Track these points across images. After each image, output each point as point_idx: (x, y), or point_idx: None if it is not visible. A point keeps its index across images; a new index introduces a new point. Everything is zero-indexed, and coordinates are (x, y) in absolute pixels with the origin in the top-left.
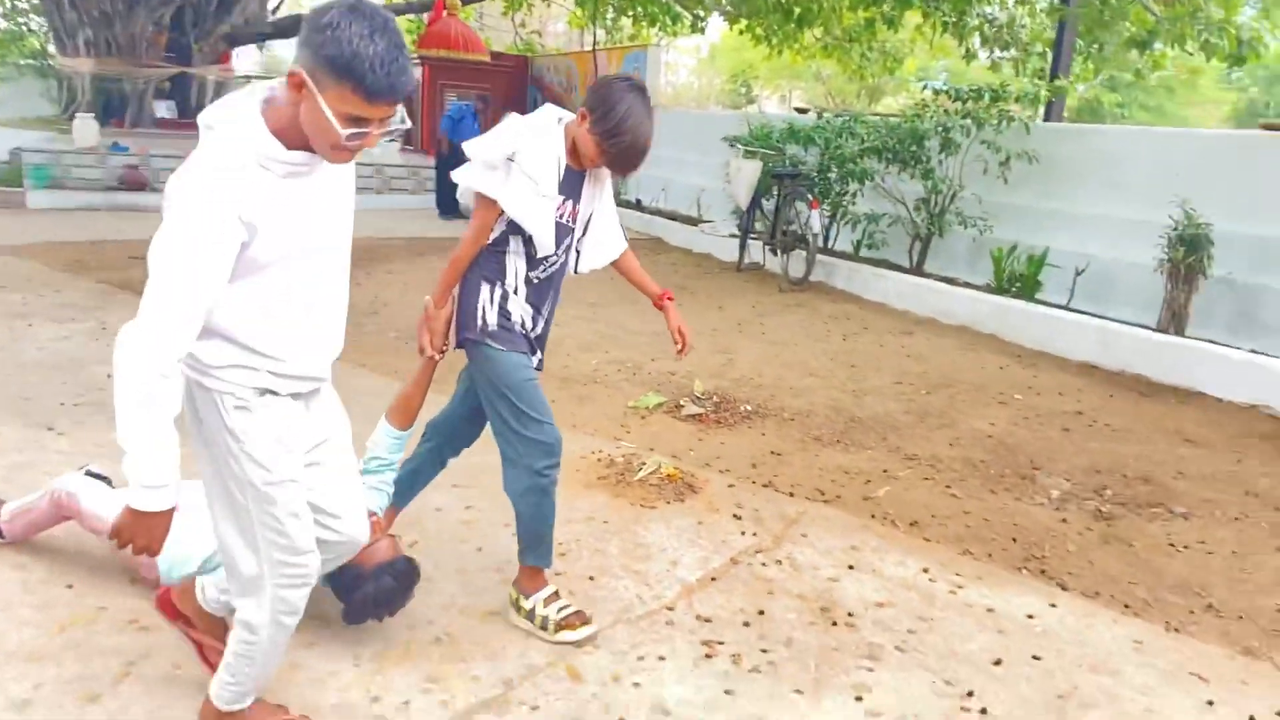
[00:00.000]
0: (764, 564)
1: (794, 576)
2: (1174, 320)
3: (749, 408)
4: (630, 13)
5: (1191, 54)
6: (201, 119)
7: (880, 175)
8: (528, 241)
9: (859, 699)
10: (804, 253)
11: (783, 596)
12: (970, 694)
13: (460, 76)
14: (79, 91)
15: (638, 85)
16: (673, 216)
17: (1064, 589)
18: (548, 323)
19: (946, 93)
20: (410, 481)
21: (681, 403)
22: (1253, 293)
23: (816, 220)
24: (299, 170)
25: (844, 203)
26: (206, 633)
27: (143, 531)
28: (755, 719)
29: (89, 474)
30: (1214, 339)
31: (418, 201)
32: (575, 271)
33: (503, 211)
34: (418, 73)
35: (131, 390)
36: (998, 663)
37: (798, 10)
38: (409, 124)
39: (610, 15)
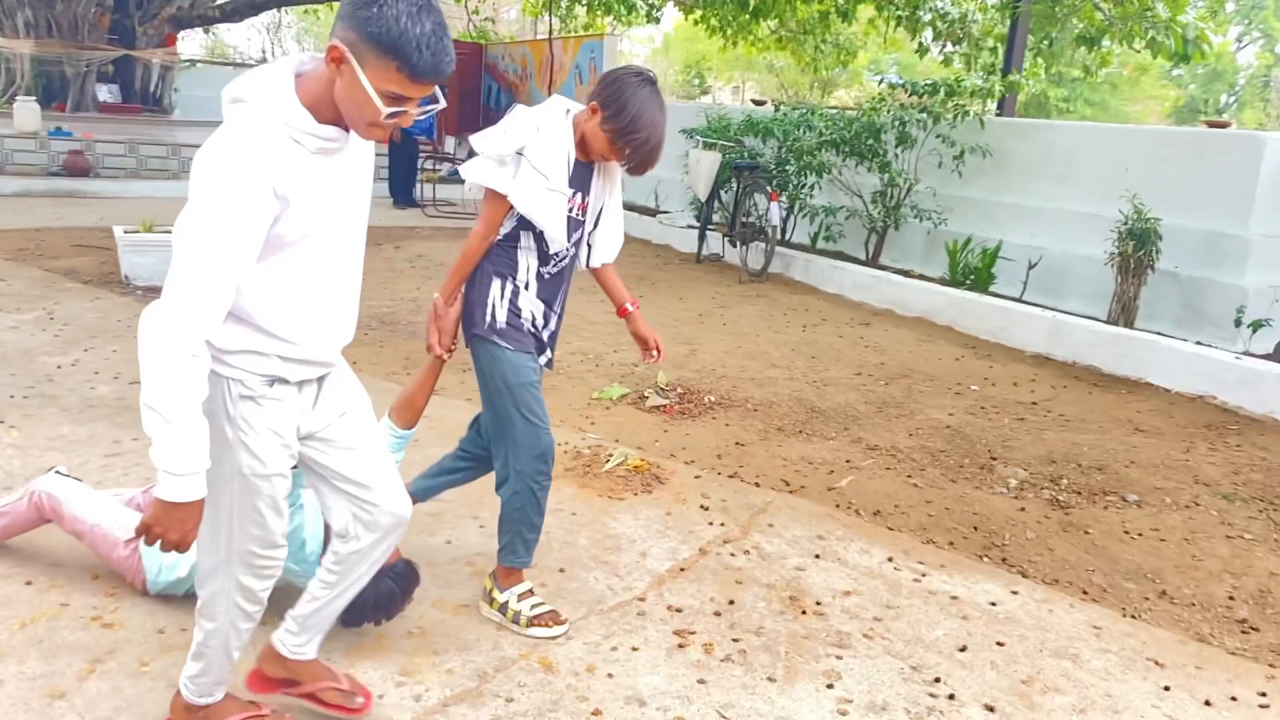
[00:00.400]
0: (732, 554)
1: (762, 566)
2: (1123, 313)
3: (712, 399)
4: (585, 1)
5: (1139, 51)
6: (228, 92)
7: (838, 168)
8: (539, 236)
9: (829, 686)
10: (763, 244)
11: (752, 586)
12: (937, 680)
13: None
14: (18, 74)
15: (649, 79)
16: (630, 207)
17: (1024, 576)
18: (559, 318)
19: (903, 87)
20: (436, 484)
21: (645, 394)
22: (1198, 286)
23: (776, 212)
24: (329, 146)
25: (802, 195)
26: (311, 679)
27: (175, 524)
28: (729, 707)
29: (59, 475)
30: (1161, 331)
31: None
32: (587, 266)
33: (513, 206)
34: None
35: (159, 372)
36: (963, 649)
37: (753, 2)
38: (444, 103)
39: (565, 3)
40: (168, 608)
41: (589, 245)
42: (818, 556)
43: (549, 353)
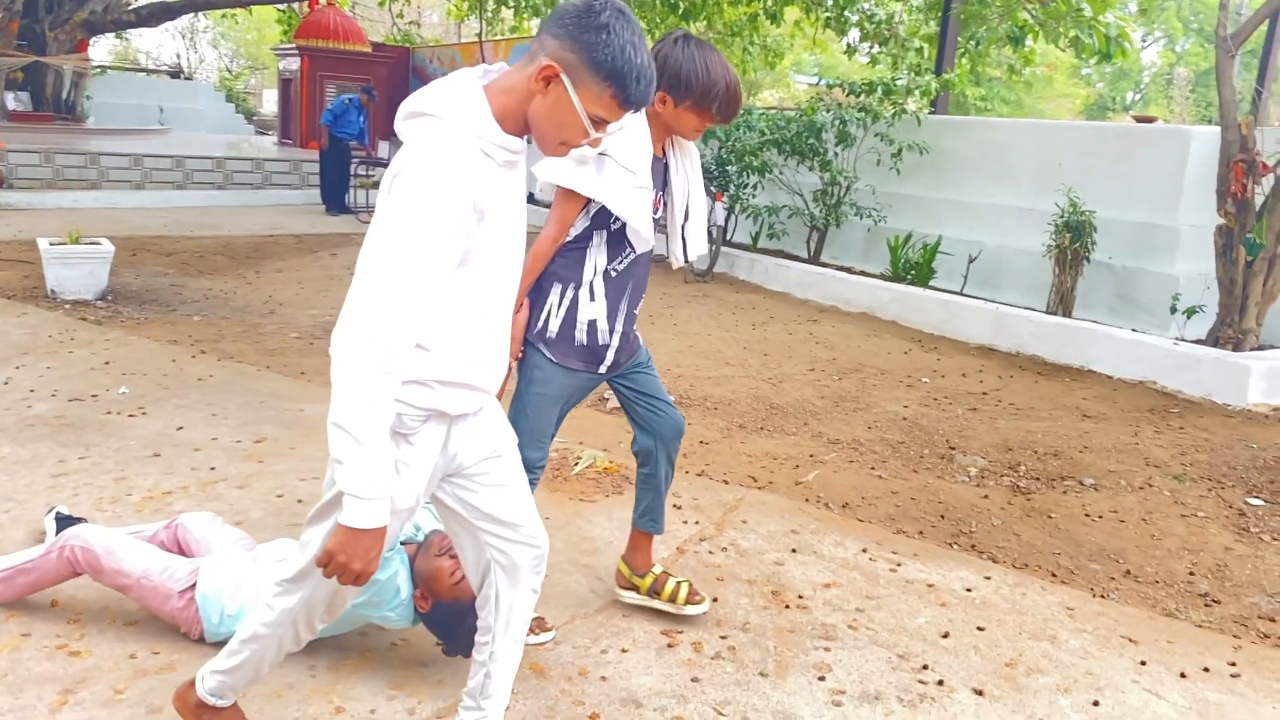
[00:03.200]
0: (710, 551)
1: (741, 562)
2: (1061, 303)
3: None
4: (512, 4)
5: (1064, 50)
6: (410, 106)
7: (779, 168)
8: (614, 235)
9: (821, 678)
10: (708, 245)
11: (733, 582)
12: (925, 667)
13: (340, 68)
14: None
15: (683, 35)
16: None
17: (995, 561)
18: (629, 318)
19: (841, 86)
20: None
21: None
22: (1131, 275)
23: (720, 212)
24: (513, 159)
25: (743, 195)
26: None
27: (359, 553)
28: (725, 704)
29: (60, 516)
30: (1097, 319)
31: (301, 197)
32: (686, 260)
33: (585, 207)
34: (295, 63)
35: (351, 391)
36: (945, 635)
37: (682, 4)
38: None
39: (491, 6)
40: (137, 631)
41: (683, 239)
42: (794, 550)
43: (612, 358)
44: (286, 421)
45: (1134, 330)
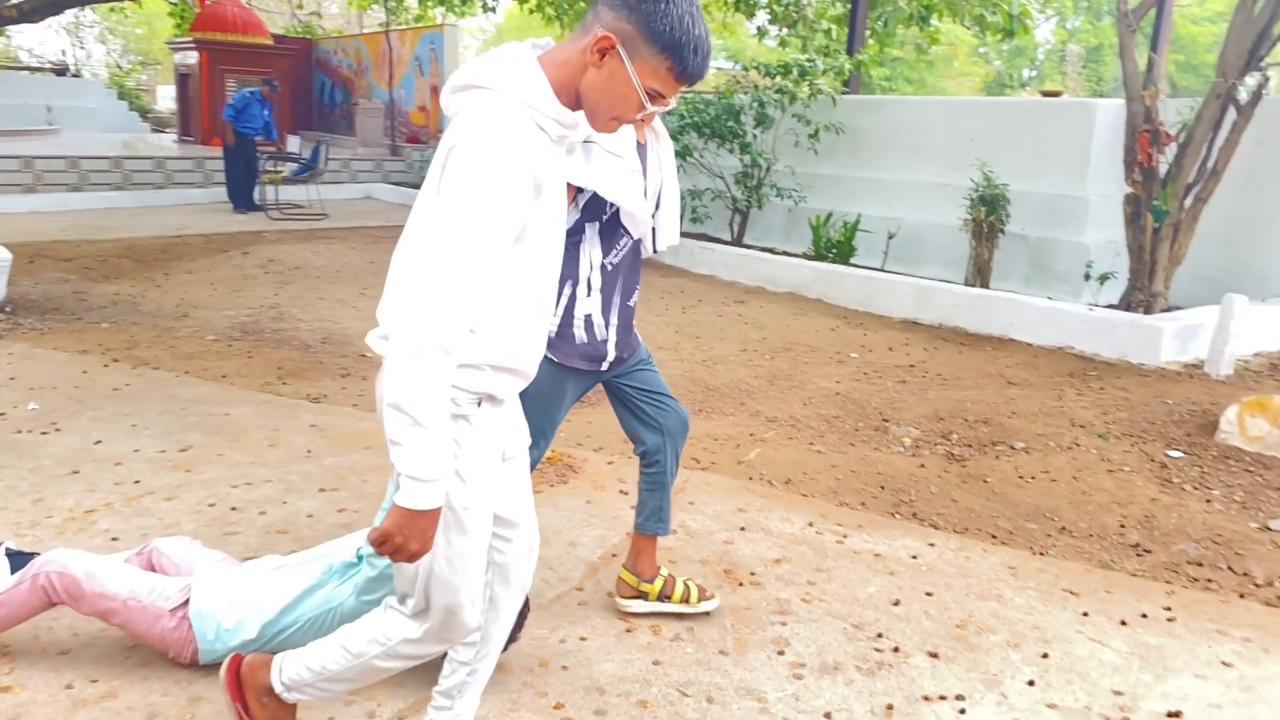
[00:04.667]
0: None
1: (691, 543)
2: (979, 275)
3: None
4: None
5: (969, 28)
6: (460, 79)
7: (699, 151)
8: (604, 227)
9: (780, 653)
10: None
11: (685, 564)
12: (880, 635)
13: (241, 61)
14: None
15: None
16: None
17: (936, 528)
18: (623, 310)
19: (757, 68)
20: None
21: None
22: (1044, 245)
23: None
24: (566, 134)
25: None
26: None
27: (417, 533)
28: (689, 685)
29: (10, 552)
30: (1014, 289)
31: (206, 195)
32: (654, 250)
33: (574, 200)
34: (193, 58)
35: (409, 370)
36: (896, 603)
37: None
38: (673, 104)
39: None
40: (71, 660)
41: (653, 228)
42: (743, 529)
43: (613, 354)
44: (211, 427)
45: (1050, 298)
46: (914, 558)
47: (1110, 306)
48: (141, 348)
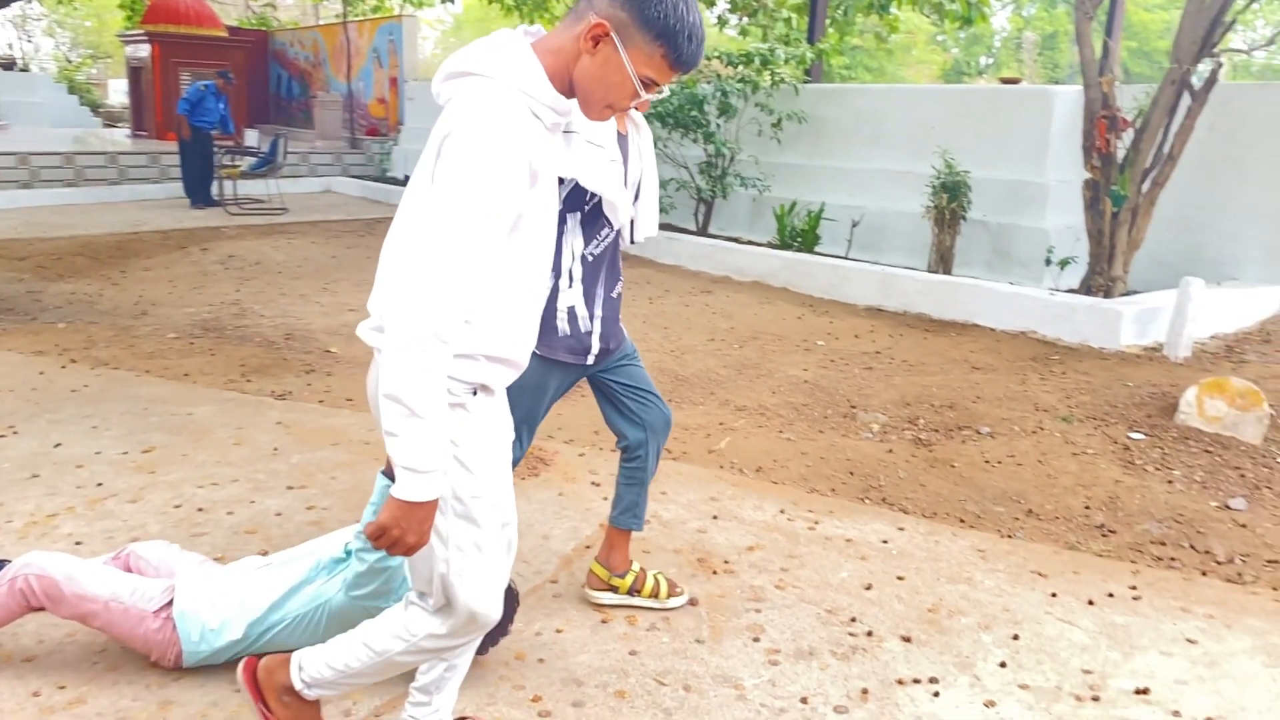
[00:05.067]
0: None
1: (664, 533)
2: (941, 261)
3: None
4: None
5: (928, 17)
6: (452, 66)
7: (663, 141)
8: (585, 217)
9: (756, 639)
10: None
11: (659, 553)
12: (853, 619)
13: (194, 54)
14: None
15: None
16: None
17: (906, 512)
18: (607, 302)
19: (719, 57)
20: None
21: None
22: (1005, 231)
23: None
24: (560, 122)
25: None
26: None
27: (414, 525)
28: (665, 674)
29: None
30: (976, 275)
31: (162, 191)
32: (632, 241)
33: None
34: (145, 50)
35: (405, 360)
36: (869, 587)
37: None
38: (666, 92)
39: None
40: (37, 667)
41: (631, 219)
42: (715, 517)
43: (597, 346)
44: (174, 427)
45: (1011, 283)
46: (884, 542)
47: (1071, 291)
48: (100, 347)
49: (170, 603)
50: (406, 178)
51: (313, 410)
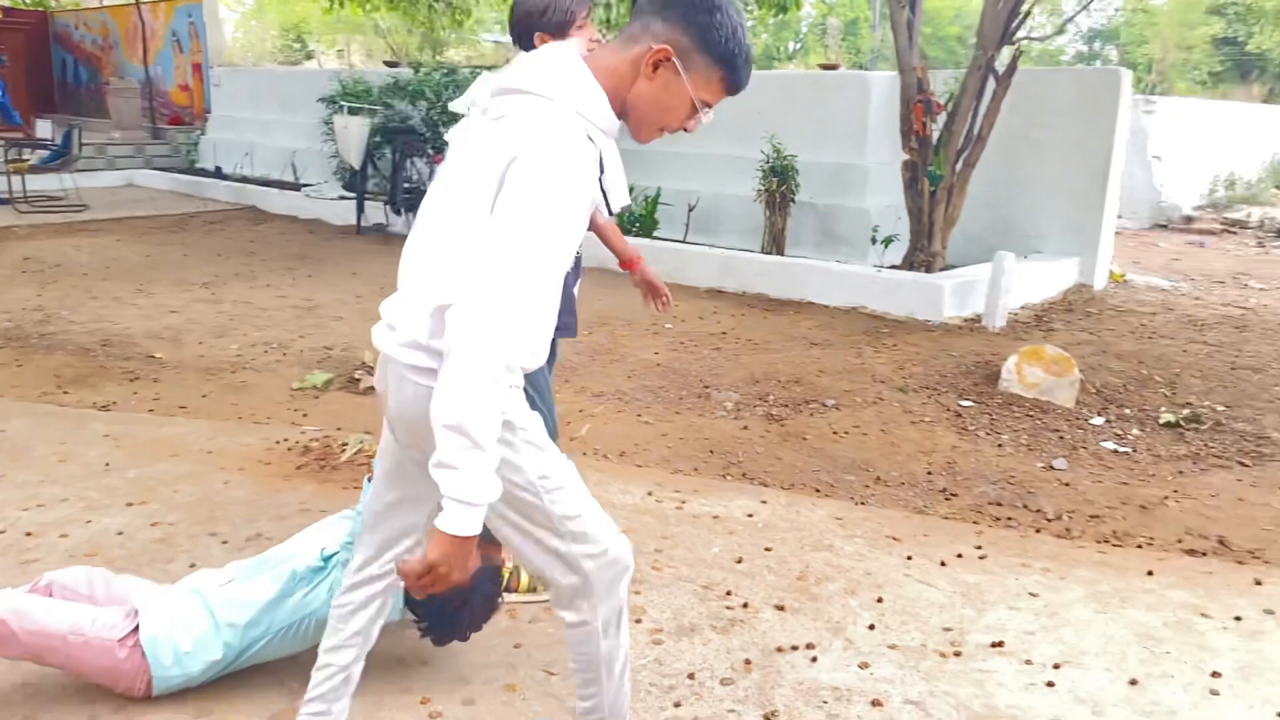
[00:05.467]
0: None
1: None
2: (774, 243)
3: None
4: None
5: (745, 5)
6: (522, 83)
7: None
8: None
9: (638, 620)
10: None
11: None
12: (729, 593)
13: None
14: None
15: None
16: (265, 182)
17: (766, 486)
18: (567, 298)
19: None
20: None
21: (356, 376)
22: (831, 212)
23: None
24: (605, 143)
25: None
26: None
27: (460, 561)
28: (553, 664)
29: None
30: (807, 255)
31: None
32: (610, 213)
33: None
34: None
35: (473, 389)
36: (739, 561)
37: None
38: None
39: None
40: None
41: (603, 191)
42: None
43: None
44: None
45: (840, 262)
46: (750, 516)
47: (894, 267)
48: None
49: (136, 629)
50: (218, 169)
51: (143, 420)
